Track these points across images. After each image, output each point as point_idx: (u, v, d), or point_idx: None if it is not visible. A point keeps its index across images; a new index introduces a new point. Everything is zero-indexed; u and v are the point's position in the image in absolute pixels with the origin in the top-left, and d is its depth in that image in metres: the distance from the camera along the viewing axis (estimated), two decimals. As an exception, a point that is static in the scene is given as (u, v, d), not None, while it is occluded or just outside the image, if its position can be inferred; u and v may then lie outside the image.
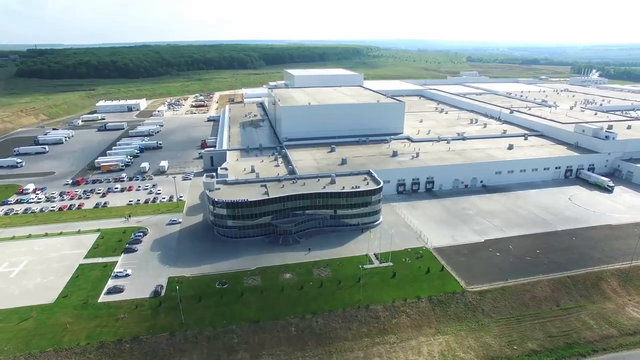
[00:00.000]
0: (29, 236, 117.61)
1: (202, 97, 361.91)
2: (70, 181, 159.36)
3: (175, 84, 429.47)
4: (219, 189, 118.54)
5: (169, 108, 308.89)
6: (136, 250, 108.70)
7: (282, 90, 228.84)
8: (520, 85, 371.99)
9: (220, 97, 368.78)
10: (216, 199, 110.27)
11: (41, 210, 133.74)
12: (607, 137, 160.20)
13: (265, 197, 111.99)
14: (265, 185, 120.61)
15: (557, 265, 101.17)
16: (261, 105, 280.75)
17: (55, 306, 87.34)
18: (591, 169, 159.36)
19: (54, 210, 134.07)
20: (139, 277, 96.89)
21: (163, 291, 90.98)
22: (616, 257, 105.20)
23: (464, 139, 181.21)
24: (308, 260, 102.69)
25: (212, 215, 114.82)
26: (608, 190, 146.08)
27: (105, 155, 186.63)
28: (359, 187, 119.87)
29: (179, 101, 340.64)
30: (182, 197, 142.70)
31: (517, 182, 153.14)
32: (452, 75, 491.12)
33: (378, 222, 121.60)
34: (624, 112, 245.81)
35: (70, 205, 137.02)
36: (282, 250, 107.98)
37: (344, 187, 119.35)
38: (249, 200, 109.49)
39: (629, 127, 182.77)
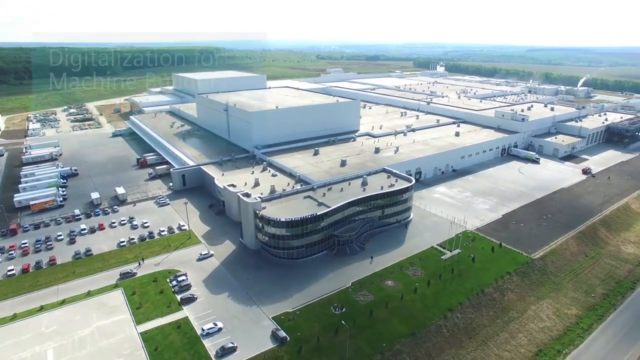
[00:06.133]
0: (14, 317, 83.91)
1: (74, 110, 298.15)
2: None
3: (30, 97, 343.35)
4: (264, 207, 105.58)
5: (44, 125, 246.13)
6: (196, 298, 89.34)
7: (220, 95, 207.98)
8: (395, 80, 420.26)
9: (98, 108, 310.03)
10: (282, 219, 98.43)
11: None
12: (522, 119, 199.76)
13: (326, 208, 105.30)
14: (310, 196, 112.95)
15: (566, 226, 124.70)
16: (174, 114, 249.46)
17: (167, 391, 66.88)
18: (515, 146, 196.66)
19: (14, 275, 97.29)
20: (235, 328, 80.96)
21: (284, 334, 78.60)
22: (590, 211, 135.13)
23: (413, 130, 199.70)
24: (394, 263, 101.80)
25: (268, 237, 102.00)
26: (536, 161, 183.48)
27: (19, 192, 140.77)
28: (393, 185, 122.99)
29: (49, 116, 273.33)
30: (183, 225, 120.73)
31: (474, 163, 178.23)
32: (323, 74, 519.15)
33: (411, 216, 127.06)
34: (492, 98, 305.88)
35: (37, 262, 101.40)
36: (355, 260, 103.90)
37: (382, 187, 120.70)
38: (317, 214, 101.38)
39: (522, 110, 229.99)
